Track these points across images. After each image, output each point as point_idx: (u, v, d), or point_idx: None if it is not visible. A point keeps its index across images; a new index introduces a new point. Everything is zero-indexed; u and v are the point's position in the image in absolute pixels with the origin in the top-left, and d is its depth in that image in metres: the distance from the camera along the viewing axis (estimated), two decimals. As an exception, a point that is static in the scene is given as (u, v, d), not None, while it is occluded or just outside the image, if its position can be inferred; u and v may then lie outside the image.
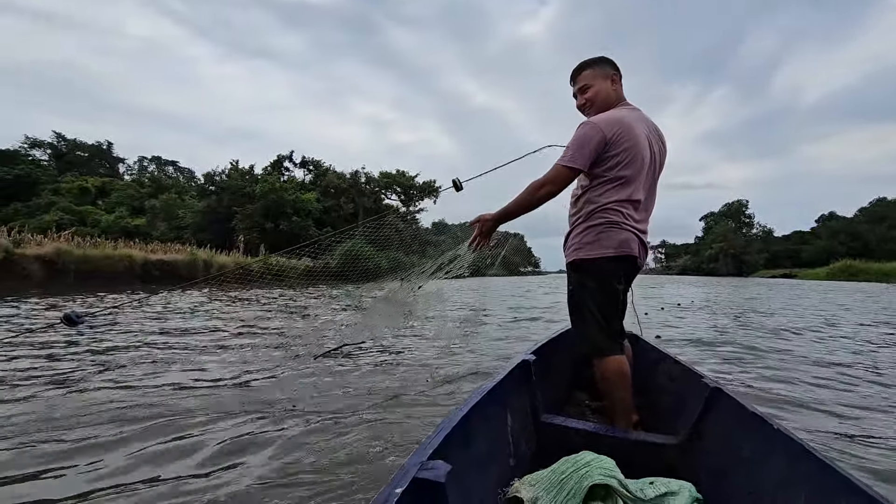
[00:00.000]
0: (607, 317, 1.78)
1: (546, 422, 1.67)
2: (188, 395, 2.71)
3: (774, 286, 25.73)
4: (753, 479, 1.25)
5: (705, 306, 10.29)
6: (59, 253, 15.19)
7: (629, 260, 1.79)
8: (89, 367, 3.36)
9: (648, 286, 22.25)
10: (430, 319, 7.04)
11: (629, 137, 1.74)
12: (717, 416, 1.56)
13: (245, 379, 3.10)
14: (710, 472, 1.41)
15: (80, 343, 4.25)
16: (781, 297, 14.32)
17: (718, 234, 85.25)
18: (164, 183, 44.11)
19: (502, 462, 1.33)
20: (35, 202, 33.73)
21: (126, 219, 32.82)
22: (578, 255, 1.81)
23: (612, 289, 1.79)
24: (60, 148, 48.83)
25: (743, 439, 1.36)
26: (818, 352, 4.55)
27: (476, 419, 1.16)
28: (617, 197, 1.76)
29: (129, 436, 2.12)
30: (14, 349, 3.90)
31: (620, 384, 1.75)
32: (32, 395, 2.69)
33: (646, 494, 1.09)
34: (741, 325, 6.77)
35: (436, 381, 3.13)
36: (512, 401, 1.52)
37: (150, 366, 3.44)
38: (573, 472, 1.09)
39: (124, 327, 5.36)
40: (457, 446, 1.00)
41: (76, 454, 1.93)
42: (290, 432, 2.17)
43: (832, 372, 3.62)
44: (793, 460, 1.13)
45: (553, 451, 1.29)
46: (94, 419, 2.32)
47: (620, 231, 1.75)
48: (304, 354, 3.93)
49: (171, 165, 61.70)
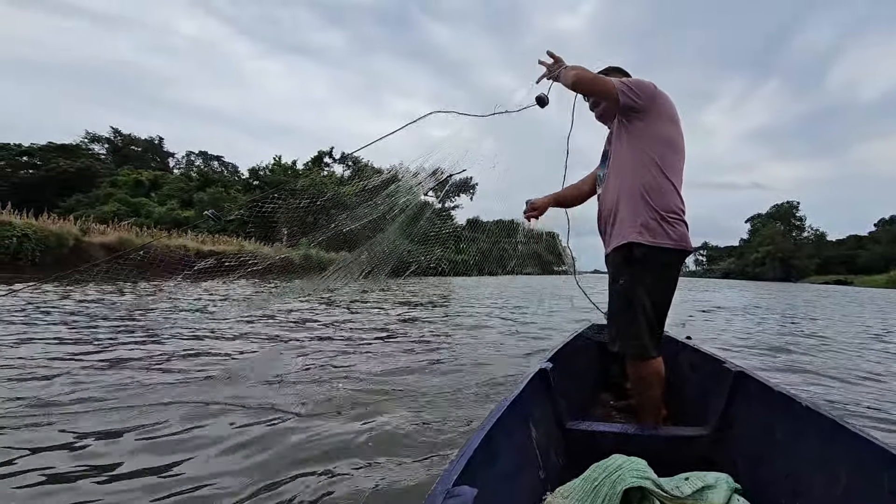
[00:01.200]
0: (659, 315, 1.69)
1: (572, 428, 1.61)
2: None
3: (830, 293, 24.31)
4: (790, 461, 1.22)
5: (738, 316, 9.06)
6: (122, 241, 16.17)
7: (685, 255, 1.70)
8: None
9: (687, 289, 21.53)
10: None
11: (677, 118, 1.75)
12: (745, 401, 1.53)
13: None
14: (745, 460, 1.38)
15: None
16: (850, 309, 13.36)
17: (766, 236, 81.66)
18: (210, 177, 45.96)
19: (532, 476, 1.30)
20: (95, 193, 35.87)
21: (177, 210, 34.42)
22: (643, 240, 1.61)
23: (671, 285, 1.70)
24: (116, 142, 51.77)
25: (774, 421, 1.33)
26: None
27: (499, 436, 1.13)
28: (677, 185, 1.70)
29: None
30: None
31: (657, 384, 1.69)
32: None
33: (682, 491, 1.06)
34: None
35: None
36: (534, 412, 1.47)
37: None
38: (605, 478, 1.06)
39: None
40: (482, 467, 0.97)
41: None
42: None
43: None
44: (828, 438, 1.11)
45: (583, 458, 1.25)
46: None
47: (683, 224, 1.68)
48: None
49: (216, 160, 64.18)
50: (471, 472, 0.89)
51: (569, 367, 1.99)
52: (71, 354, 3.33)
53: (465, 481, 0.84)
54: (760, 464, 1.32)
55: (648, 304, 1.64)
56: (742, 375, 1.58)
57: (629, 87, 1.66)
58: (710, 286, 29.23)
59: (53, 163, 38.15)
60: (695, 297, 14.86)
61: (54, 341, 3.75)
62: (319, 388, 2.71)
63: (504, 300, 11.05)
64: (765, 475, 1.27)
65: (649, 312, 1.64)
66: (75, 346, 3.61)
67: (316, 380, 2.90)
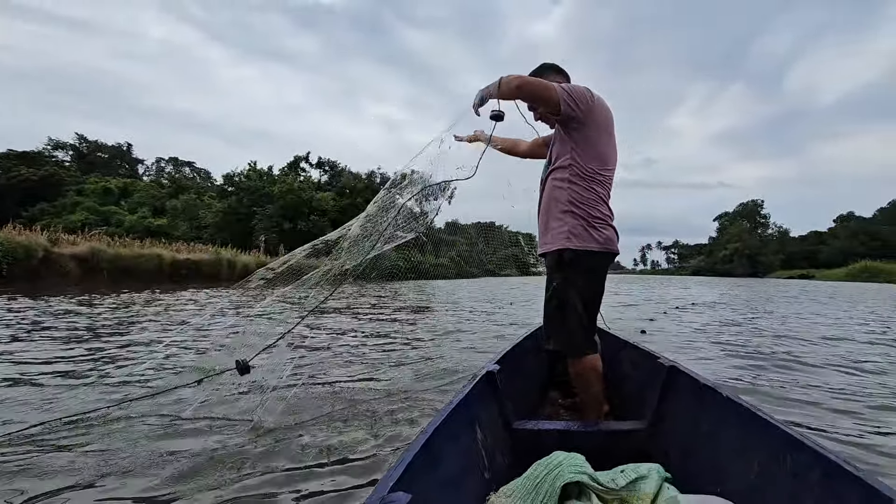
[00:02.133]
0: (590, 314, 1.77)
1: (518, 428, 1.64)
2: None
3: (794, 287, 25.42)
4: (714, 449, 1.29)
5: (710, 309, 9.49)
6: (94, 252, 15.65)
7: (612, 257, 1.80)
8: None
9: (654, 287, 22.16)
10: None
11: (611, 122, 1.82)
12: (676, 395, 1.61)
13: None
14: (676, 450, 1.46)
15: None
16: (813, 303, 14.01)
17: (733, 234, 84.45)
18: (183, 184, 44.88)
19: (476, 477, 1.31)
20: (61, 202, 34.60)
21: (148, 219, 33.55)
22: (570, 245, 1.73)
23: (599, 285, 1.80)
24: (82, 149, 50.00)
25: (701, 413, 1.42)
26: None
27: (442, 439, 1.13)
28: (604, 190, 1.79)
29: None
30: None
31: (594, 380, 1.77)
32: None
33: (617, 483, 1.11)
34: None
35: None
36: (480, 413, 1.48)
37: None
38: (546, 475, 1.10)
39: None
40: (421, 472, 0.97)
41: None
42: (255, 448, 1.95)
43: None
44: (744, 425, 1.19)
45: (528, 457, 1.26)
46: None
47: (608, 227, 1.77)
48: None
49: (187, 166, 62.67)
50: (409, 478, 0.90)
51: (517, 368, 2.04)
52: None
53: (402, 487, 0.84)
54: (689, 453, 1.39)
55: (580, 304, 1.73)
56: (674, 370, 1.66)
57: (570, 96, 1.70)
58: (682, 283, 30.02)
59: (15, 171, 36.63)
60: (671, 294, 15.35)
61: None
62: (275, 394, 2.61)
63: (480, 301, 11.22)
64: (693, 464, 1.34)
65: (581, 312, 1.74)
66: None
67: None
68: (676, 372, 1.66)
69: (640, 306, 9.91)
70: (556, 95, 1.69)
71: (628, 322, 6.51)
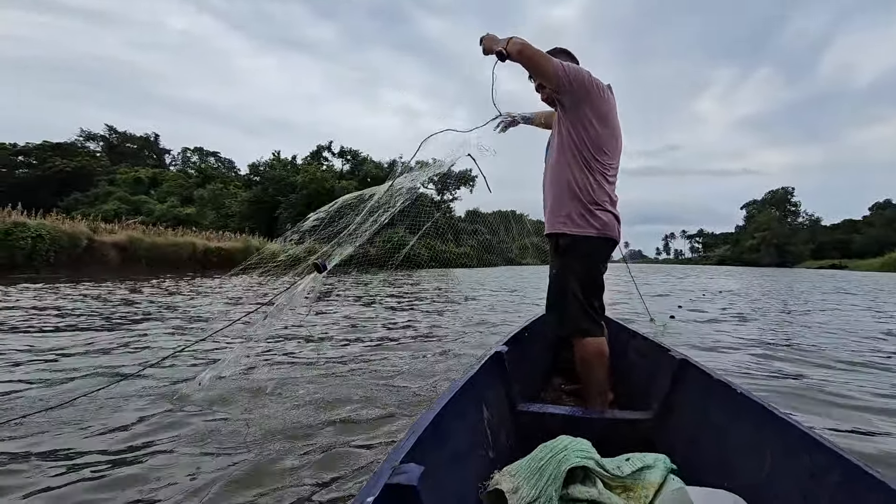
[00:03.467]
0: (589, 298, 1.80)
1: (523, 410, 1.67)
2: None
3: (829, 278, 24.57)
4: (722, 444, 1.29)
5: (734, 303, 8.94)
6: (132, 240, 16.18)
7: (610, 242, 1.83)
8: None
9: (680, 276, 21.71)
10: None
11: (612, 110, 1.81)
12: (686, 387, 1.61)
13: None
14: (683, 442, 1.45)
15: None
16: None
17: (761, 222, 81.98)
18: (209, 173, 45.72)
19: (481, 456, 1.33)
20: (93, 192, 35.64)
21: (178, 208, 34.30)
22: (569, 230, 1.78)
23: (597, 269, 1.83)
24: (112, 140, 51.26)
25: (711, 407, 1.41)
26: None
27: (450, 416, 1.15)
28: (603, 177, 1.80)
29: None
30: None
31: (599, 365, 1.78)
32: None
33: (622, 471, 1.11)
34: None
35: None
36: (487, 394, 1.51)
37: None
38: (551, 458, 1.10)
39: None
40: (431, 446, 0.99)
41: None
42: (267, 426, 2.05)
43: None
44: (757, 422, 1.18)
45: (532, 439, 1.28)
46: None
47: (607, 213, 1.79)
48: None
49: (212, 156, 63.69)
50: (419, 451, 0.91)
51: (524, 350, 2.06)
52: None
53: (413, 459, 0.86)
54: (696, 446, 1.39)
55: (578, 288, 1.77)
56: (685, 363, 1.66)
57: (565, 71, 1.72)
58: (706, 272, 29.28)
59: (49, 162, 37.78)
60: (692, 284, 15.06)
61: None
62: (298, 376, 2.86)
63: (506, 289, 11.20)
64: (699, 457, 1.34)
65: (580, 296, 1.77)
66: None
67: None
68: (687, 365, 1.65)
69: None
70: (553, 67, 1.72)
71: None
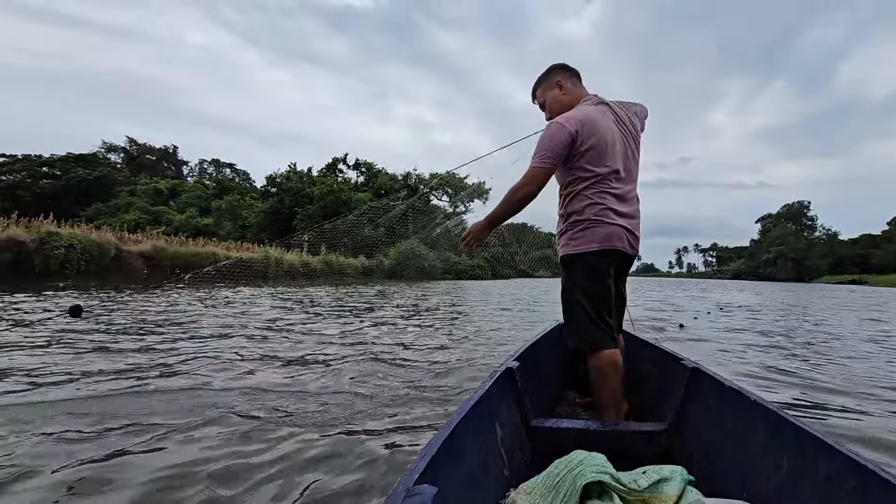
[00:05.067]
0: (598, 310, 1.81)
1: (537, 426, 1.64)
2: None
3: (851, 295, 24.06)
4: (739, 452, 1.27)
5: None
6: (157, 250, 16.42)
7: (615, 254, 1.83)
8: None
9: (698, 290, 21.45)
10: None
11: (594, 131, 1.79)
12: (700, 396, 1.59)
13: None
14: (699, 452, 1.44)
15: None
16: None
17: (777, 236, 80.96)
18: (227, 185, 46.47)
19: (496, 475, 1.30)
20: (114, 202, 36.36)
21: (196, 218, 34.83)
22: (566, 251, 1.87)
23: (601, 283, 1.83)
24: (132, 151, 52.50)
25: (726, 415, 1.39)
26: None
27: (463, 435, 1.13)
28: (596, 191, 1.80)
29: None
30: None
31: (613, 377, 1.77)
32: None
33: (639, 485, 1.10)
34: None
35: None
36: (499, 411, 1.49)
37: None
38: (567, 474, 1.09)
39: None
40: (444, 466, 0.97)
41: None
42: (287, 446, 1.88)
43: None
44: (772, 429, 1.17)
45: (547, 455, 1.26)
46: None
47: (605, 226, 1.79)
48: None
49: (228, 167, 64.85)
50: (433, 471, 0.90)
51: (535, 365, 2.03)
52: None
53: (427, 480, 0.84)
54: (713, 456, 1.37)
55: (587, 302, 1.80)
56: (697, 371, 1.65)
57: (548, 162, 1.79)
58: (717, 287, 28.82)
59: (72, 172, 38.69)
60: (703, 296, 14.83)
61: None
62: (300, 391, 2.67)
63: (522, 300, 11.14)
64: (717, 466, 1.33)
65: (589, 309, 1.80)
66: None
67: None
68: (700, 373, 1.64)
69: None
70: (538, 175, 1.81)
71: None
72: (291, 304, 8.36)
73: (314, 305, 8.19)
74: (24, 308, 6.31)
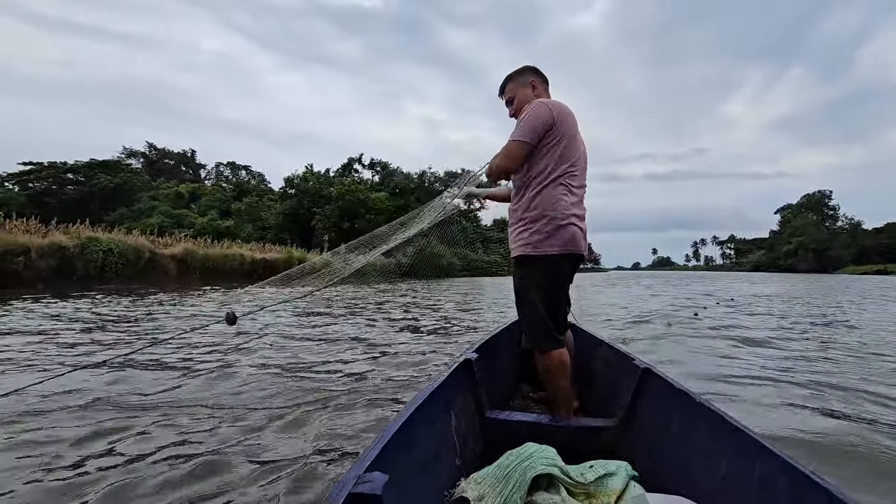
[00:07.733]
0: (551, 312, 1.80)
1: (491, 417, 1.68)
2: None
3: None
4: (682, 451, 1.31)
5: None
6: (187, 252, 16.77)
7: (573, 257, 1.80)
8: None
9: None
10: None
11: (568, 123, 1.79)
12: (649, 396, 1.63)
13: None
14: (644, 450, 1.48)
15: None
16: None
17: (797, 227, 79.36)
18: (245, 187, 47.08)
19: (448, 464, 1.32)
20: (138, 207, 37.09)
21: (217, 221, 35.35)
22: (526, 251, 1.79)
23: (558, 286, 1.83)
24: (152, 156, 53.48)
25: (672, 415, 1.42)
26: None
27: (417, 423, 1.15)
28: (564, 189, 1.77)
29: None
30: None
31: (561, 376, 1.79)
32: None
33: (586, 478, 1.13)
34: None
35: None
36: (455, 401, 1.51)
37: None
38: (517, 465, 1.12)
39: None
40: (397, 454, 0.99)
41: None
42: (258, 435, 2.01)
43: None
44: (714, 430, 1.20)
45: (499, 447, 1.28)
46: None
47: (568, 228, 1.76)
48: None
49: (243, 170, 65.63)
50: (385, 459, 0.91)
51: (493, 358, 2.08)
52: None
53: (378, 467, 0.85)
54: (657, 454, 1.41)
55: (540, 303, 1.78)
56: (648, 372, 1.68)
57: (524, 129, 1.76)
58: (751, 279, 28.32)
59: (96, 178, 39.52)
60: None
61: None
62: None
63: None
64: (659, 464, 1.37)
65: (541, 310, 1.78)
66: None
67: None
68: (650, 374, 1.67)
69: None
70: (516, 152, 1.77)
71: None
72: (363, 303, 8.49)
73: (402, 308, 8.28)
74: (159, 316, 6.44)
